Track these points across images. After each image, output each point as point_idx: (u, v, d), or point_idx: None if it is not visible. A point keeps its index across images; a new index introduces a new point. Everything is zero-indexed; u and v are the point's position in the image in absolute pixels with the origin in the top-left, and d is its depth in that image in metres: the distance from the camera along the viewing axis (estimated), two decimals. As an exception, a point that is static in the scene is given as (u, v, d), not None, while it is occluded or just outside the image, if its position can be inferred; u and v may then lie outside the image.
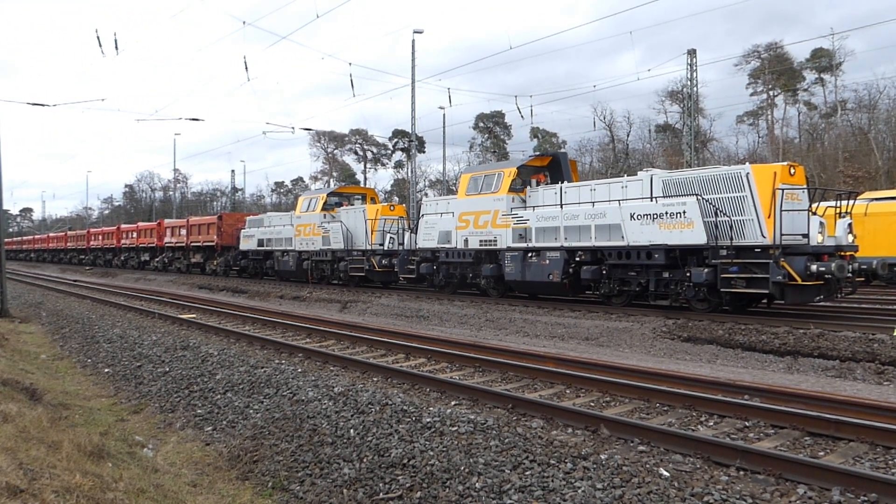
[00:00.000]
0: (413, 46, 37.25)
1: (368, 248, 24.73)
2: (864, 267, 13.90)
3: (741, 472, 5.46)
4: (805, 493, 4.99)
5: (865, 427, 6.25)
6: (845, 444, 6.17)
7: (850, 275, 13.25)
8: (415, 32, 37.27)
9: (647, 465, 5.41)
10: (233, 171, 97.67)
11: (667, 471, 5.31)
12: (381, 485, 5.65)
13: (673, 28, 78.02)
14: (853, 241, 13.95)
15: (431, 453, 5.92)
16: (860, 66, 66.58)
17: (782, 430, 6.60)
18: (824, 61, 48.01)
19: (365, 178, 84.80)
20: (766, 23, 78.90)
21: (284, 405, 7.92)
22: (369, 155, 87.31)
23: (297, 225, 28.62)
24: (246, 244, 32.75)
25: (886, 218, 23.65)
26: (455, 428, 6.42)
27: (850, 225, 13.92)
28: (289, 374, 9.26)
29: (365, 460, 6.11)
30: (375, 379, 9.50)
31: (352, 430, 6.76)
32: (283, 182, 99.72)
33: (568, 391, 8.64)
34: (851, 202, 14.25)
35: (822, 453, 6.01)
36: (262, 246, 31.28)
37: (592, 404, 7.95)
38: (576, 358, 10.39)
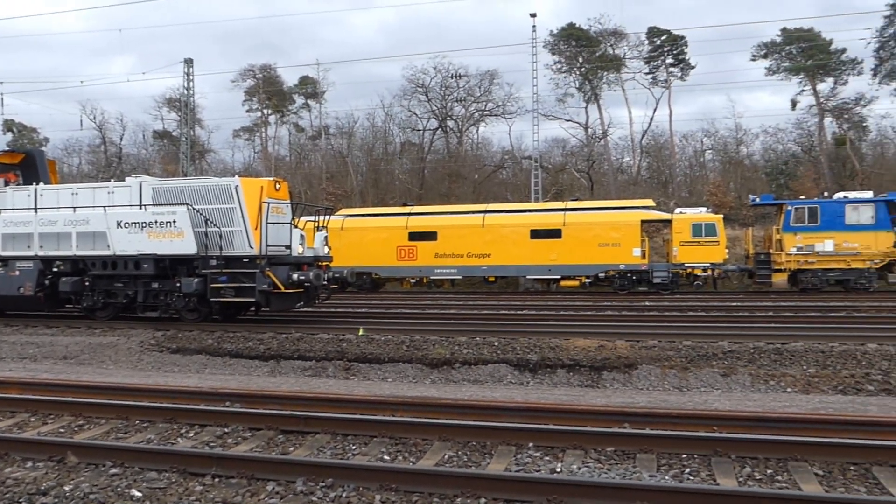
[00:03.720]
0: None
1: None
2: (338, 275, 15.60)
3: (216, 479, 5.51)
4: (273, 488, 5.29)
5: (329, 419, 6.97)
6: (312, 437, 6.75)
7: (325, 283, 14.79)
8: None
9: (119, 489, 5.12)
10: None
11: (139, 491, 5.09)
12: None
13: (168, 39, 76.40)
14: (329, 253, 15.62)
15: None
16: (339, 98, 75.23)
17: (259, 432, 6.91)
18: (310, 88, 52.79)
19: None
20: (258, 48, 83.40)
21: None
22: None
23: None
24: None
25: (357, 232, 27.27)
26: None
27: (326, 238, 15.56)
28: None
29: None
30: None
31: None
32: None
33: (33, 419, 7.64)
34: (328, 217, 15.96)
35: (292, 448, 6.48)
36: None
37: (62, 430, 7.18)
38: (46, 381, 9.30)
